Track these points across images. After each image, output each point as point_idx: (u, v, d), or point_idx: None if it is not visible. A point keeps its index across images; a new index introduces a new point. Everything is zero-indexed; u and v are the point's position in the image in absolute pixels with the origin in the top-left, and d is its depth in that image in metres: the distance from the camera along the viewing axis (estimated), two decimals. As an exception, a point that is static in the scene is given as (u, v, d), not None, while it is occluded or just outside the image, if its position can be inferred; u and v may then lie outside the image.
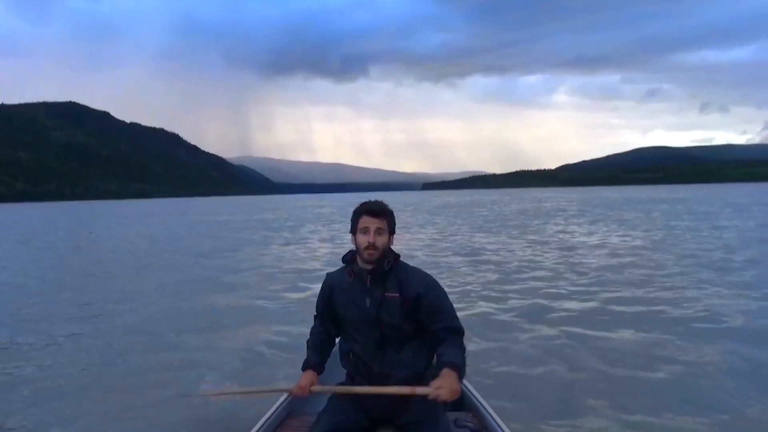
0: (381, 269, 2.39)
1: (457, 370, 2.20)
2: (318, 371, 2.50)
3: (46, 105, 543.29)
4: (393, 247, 2.47)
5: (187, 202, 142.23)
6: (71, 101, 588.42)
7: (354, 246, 2.45)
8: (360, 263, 2.43)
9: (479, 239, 18.38)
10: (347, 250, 2.49)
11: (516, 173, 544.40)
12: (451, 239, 18.74)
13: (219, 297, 9.15)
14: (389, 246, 2.43)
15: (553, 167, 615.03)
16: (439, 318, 2.36)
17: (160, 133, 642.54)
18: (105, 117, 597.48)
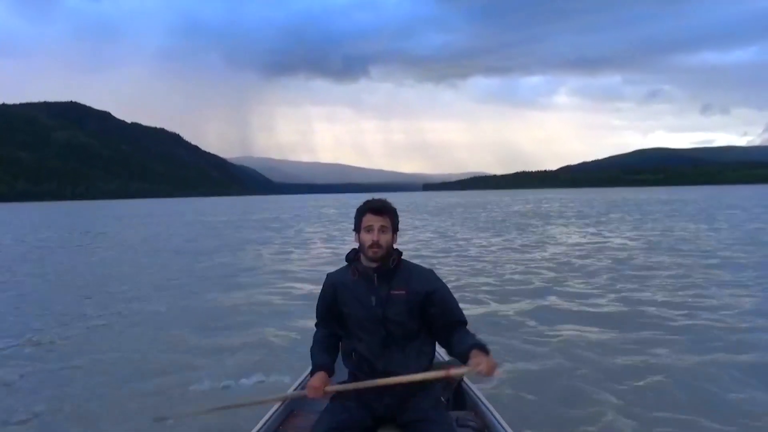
0: (386, 267, 2.39)
1: (485, 348, 2.20)
2: (330, 373, 2.44)
3: (47, 105, 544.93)
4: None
5: (188, 202, 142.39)
6: (72, 101, 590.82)
7: (357, 244, 2.45)
8: (364, 261, 2.42)
9: (478, 240, 18.32)
10: (348, 248, 2.48)
11: (517, 174, 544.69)
12: (451, 240, 18.69)
13: (219, 296, 9.11)
14: (393, 244, 2.42)
15: (554, 168, 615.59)
16: (450, 313, 2.39)
17: (160, 133, 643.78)
18: (106, 117, 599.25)
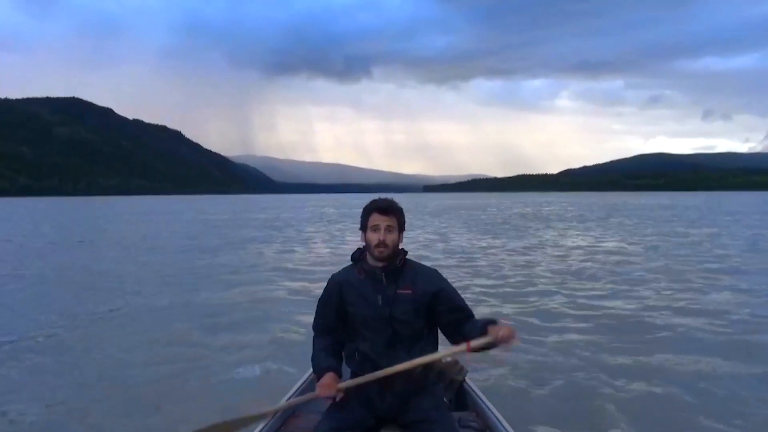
0: (393, 266, 2.39)
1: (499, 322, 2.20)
2: (338, 375, 2.38)
3: (49, 100, 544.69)
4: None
5: (189, 199, 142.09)
6: (74, 97, 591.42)
7: (363, 243, 2.44)
8: (370, 261, 2.41)
9: (478, 242, 18.30)
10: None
11: (518, 177, 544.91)
12: (451, 240, 18.66)
13: (220, 294, 9.12)
14: (399, 243, 2.42)
15: (555, 172, 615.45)
16: (459, 310, 2.40)
17: (162, 131, 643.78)
18: (108, 113, 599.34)
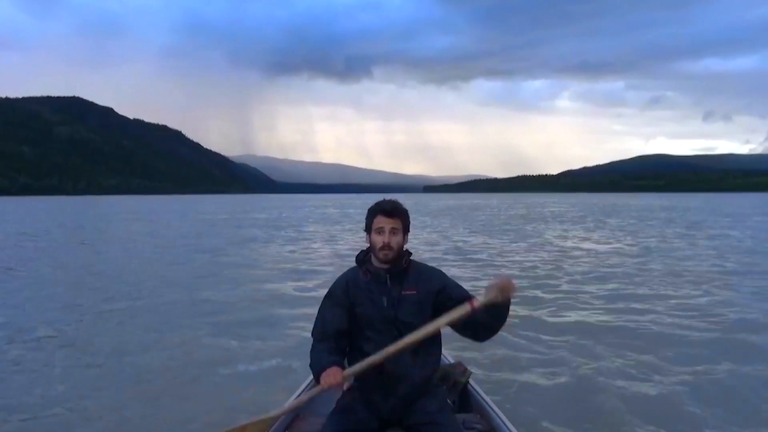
0: (398, 268, 2.40)
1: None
2: (342, 369, 2.32)
3: (50, 99, 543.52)
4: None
5: (189, 199, 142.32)
6: (75, 96, 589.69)
7: (368, 245, 2.44)
8: (375, 262, 2.41)
9: (478, 242, 18.32)
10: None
11: (518, 178, 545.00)
12: (451, 241, 18.64)
13: (221, 292, 9.10)
14: (404, 245, 2.42)
15: (555, 173, 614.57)
16: (461, 297, 2.37)
17: (163, 130, 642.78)
18: (108, 113, 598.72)
